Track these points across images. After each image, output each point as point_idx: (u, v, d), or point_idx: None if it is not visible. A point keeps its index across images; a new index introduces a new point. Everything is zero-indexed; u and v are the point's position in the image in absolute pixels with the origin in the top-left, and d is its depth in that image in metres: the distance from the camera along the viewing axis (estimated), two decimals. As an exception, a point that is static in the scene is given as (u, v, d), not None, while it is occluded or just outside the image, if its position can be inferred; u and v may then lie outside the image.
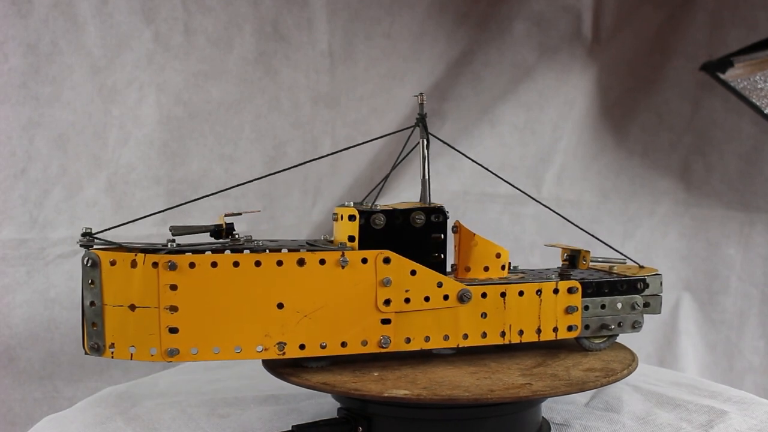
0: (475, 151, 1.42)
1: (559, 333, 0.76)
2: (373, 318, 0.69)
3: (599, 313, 0.77)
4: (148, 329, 0.66)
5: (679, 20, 1.44)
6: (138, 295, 0.66)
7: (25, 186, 1.20)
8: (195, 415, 0.80)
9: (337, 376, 0.70)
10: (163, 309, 0.65)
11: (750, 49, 1.16)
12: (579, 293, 0.76)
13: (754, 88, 1.16)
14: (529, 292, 0.74)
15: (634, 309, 0.78)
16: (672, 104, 1.46)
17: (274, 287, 0.67)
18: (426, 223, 0.71)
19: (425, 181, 0.76)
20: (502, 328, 0.74)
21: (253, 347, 0.67)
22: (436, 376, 0.70)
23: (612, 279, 0.78)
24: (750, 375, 1.45)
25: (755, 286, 1.45)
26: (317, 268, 0.67)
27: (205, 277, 0.66)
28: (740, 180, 1.45)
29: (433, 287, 0.71)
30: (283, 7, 1.31)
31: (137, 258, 0.65)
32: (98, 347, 0.66)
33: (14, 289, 1.20)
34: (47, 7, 1.18)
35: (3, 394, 1.21)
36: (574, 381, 0.69)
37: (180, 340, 0.66)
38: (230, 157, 1.31)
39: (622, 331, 0.79)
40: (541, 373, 0.71)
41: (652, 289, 0.80)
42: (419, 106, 0.78)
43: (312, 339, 0.68)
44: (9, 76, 1.18)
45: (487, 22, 1.41)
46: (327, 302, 0.68)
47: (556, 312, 0.75)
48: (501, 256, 0.78)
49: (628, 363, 0.76)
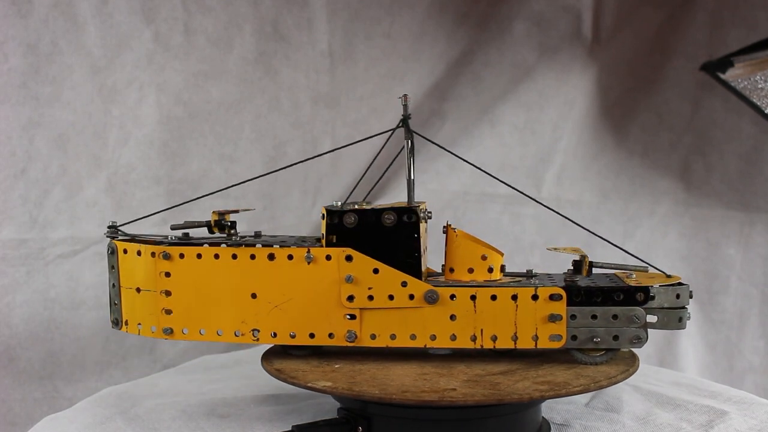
0: (475, 151, 1.42)
1: (540, 342, 0.71)
2: (338, 313, 0.72)
3: (589, 323, 0.71)
4: (149, 309, 0.75)
5: (679, 20, 1.43)
6: (142, 279, 0.75)
7: (25, 186, 1.20)
8: (195, 415, 0.80)
9: (302, 364, 0.74)
10: (159, 293, 0.74)
11: (750, 49, 1.16)
12: (563, 301, 0.71)
13: (755, 88, 1.16)
14: (503, 296, 0.71)
15: (634, 322, 0.71)
16: (672, 104, 1.45)
17: (248, 278, 0.73)
18: (397, 223, 0.72)
19: (410, 181, 0.76)
20: (472, 332, 0.71)
21: (231, 332, 0.74)
22: (388, 373, 0.71)
23: (605, 287, 0.71)
24: (750, 375, 1.45)
25: (755, 286, 1.45)
26: (286, 262, 0.72)
27: (192, 266, 0.74)
28: (740, 180, 1.44)
29: (398, 286, 0.71)
30: (283, 7, 1.32)
31: (141, 248, 0.75)
32: (117, 322, 0.78)
33: (14, 289, 1.20)
34: (47, 7, 1.18)
35: (3, 394, 1.21)
36: (505, 393, 0.66)
37: (173, 320, 0.74)
38: (230, 157, 1.32)
39: (619, 346, 0.72)
40: (485, 382, 0.68)
41: (661, 300, 0.71)
42: (403, 107, 0.78)
43: (282, 328, 0.73)
44: (9, 76, 1.18)
45: (487, 22, 1.41)
46: (295, 295, 0.73)
47: (536, 319, 0.71)
48: (487, 258, 0.74)
49: (612, 375, 0.70)
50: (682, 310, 0.72)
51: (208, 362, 1.03)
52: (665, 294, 0.72)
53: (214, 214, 0.79)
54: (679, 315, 0.72)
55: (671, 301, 0.72)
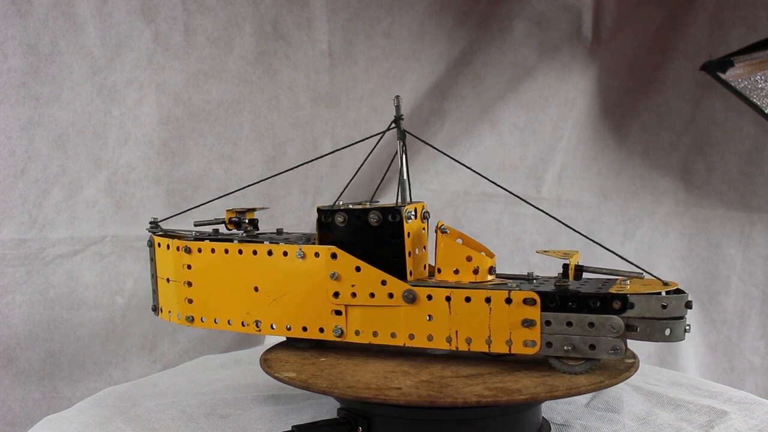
0: (475, 150, 1.42)
1: (514, 347, 0.69)
2: (326, 308, 0.75)
3: (564, 330, 0.67)
4: (176, 298, 0.81)
5: (680, 20, 1.43)
6: (171, 271, 0.81)
7: (25, 186, 1.20)
8: (195, 415, 0.80)
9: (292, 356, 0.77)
10: (183, 283, 0.80)
11: (750, 49, 1.15)
12: (537, 306, 0.68)
13: (755, 88, 1.16)
14: (477, 298, 0.69)
15: (611, 331, 0.66)
16: (672, 104, 1.45)
17: (251, 273, 0.77)
18: (382, 223, 0.73)
19: (402, 181, 0.77)
20: (447, 333, 0.71)
21: (239, 322, 0.78)
22: (358, 369, 0.73)
23: (581, 293, 0.67)
24: (750, 375, 1.45)
25: (756, 286, 1.45)
26: (282, 258, 0.76)
27: (207, 260, 0.79)
28: (741, 180, 1.44)
29: (378, 284, 0.72)
30: (283, 7, 1.31)
31: (170, 242, 0.81)
32: (155, 308, 0.85)
33: (14, 289, 1.20)
34: (47, 7, 1.18)
35: (2, 394, 1.21)
36: (444, 396, 0.65)
37: (194, 309, 0.80)
38: (230, 156, 1.31)
39: (596, 356, 0.67)
40: (438, 384, 0.68)
41: (642, 310, 0.66)
42: (396, 108, 0.78)
43: (280, 321, 0.77)
44: (8, 75, 1.18)
45: (488, 21, 1.41)
46: (290, 290, 0.76)
47: (510, 324, 0.69)
48: (472, 259, 0.72)
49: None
50: (672, 321, 0.66)
51: (208, 362, 1.03)
52: (647, 303, 0.66)
53: (228, 212, 0.84)
54: (666, 327, 0.66)
55: (654, 311, 0.66)
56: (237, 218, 0.84)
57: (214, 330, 1.34)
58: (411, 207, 0.74)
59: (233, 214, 0.84)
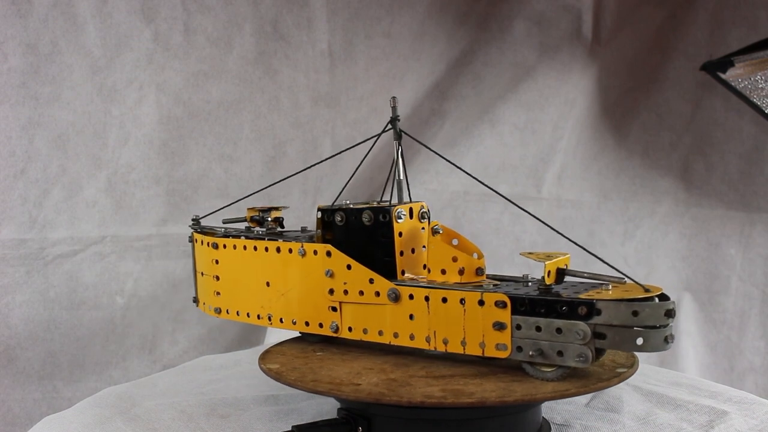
0: (475, 150, 1.42)
1: (487, 350, 0.67)
2: (324, 304, 0.76)
3: (533, 335, 0.65)
4: (208, 291, 0.85)
5: (680, 20, 1.43)
6: (203, 265, 0.86)
7: (25, 186, 1.20)
8: (195, 415, 0.80)
9: None
10: (212, 277, 0.84)
11: (751, 49, 1.15)
12: (508, 309, 0.66)
13: (755, 88, 1.16)
14: (453, 299, 0.69)
15: (577, 338, 0.63)
16: (672, 104, 1.45)
17: (264, 269, 0.80)
18: (374, 222, 0.74)
19: (400, 181, 0.78)
20: (427, 333, 0.70)
21: (255, 315, 0.82)
22: (338, 365, 0.74)
23: (548, 298, 0.65)
24: (751, 375, 1.45)
25: (756, 286, 1.45)
26: (287, 256, 0.78)
27: (230, 256, 0.82)
28: (741, 180, 1.44)
29: (366, 283, 0.74)
30: (283, 7, 1.31)
31: (202, 239, 0.85)
32: (195, 300, 0.89)
33: (14, 289, 1.20)
34: (47, 7, 1.18)
35: (2, 394, 1.21)
36: (393, 395, 0.65)
37: (221, 301, 0.84)
38: (230, 156, 1.31)
39: (564, 363, 0.64)
40: (398, 382, 0.68)
41: (609, 317, 0.62)
42: (392, 109, 0.79)
43: (287, 315, 0.79)
44: (8, 75, 1.18)
45: (488, 21, 1.41)
46: (294, 285, 0.78)
47: (483, 326, 0.67)
48: (458, 260, 0.72)
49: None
50: (645, 330, 0.62)
51: (208, 362, 1.03)
52: (615, 310, 0.62)
53: (249, 211, 0.87)
54: (638, 335, 0.62)
55: (623, 318, 0.62)
56: (259, 216, 0.87)
57: (214, 330, 1.34)
58: (404, 207, 0.75)
59: (255, 212, 0.87)
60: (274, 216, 0.88)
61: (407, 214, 0.75)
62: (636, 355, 0.75)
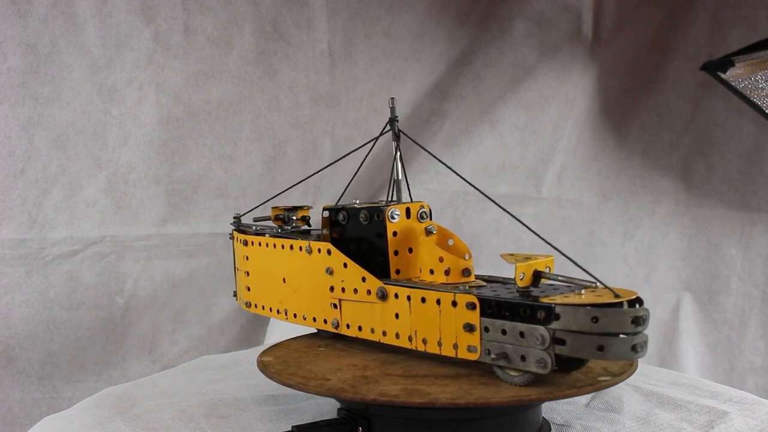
0: (475, 150, 1.42)
1: (460, 352, 0.66)
2: (327, 301, 0.78)
3: (500, 338, 0.63)
4: (241, 285, 0.88)
5: (680, 20, 1.43)
6: (238, 261, 0.89)
7: (25, 186, 1.20)
8: (195, 416, 0.80)
9: None
10: (244, 272, 0.87)
11: (751, 49, 1.15)
12: (477, 311, 0.65)
13: (755, 88, 1.16)
14: (431, 300, 0.68)
15: (537, 343, 0.61)
16: (672, 104, 1.45)
17: (281, 265, 0.82)
18: (370, 222, 0.76)
19: (398, 181, 0.78)
20: (409, 332, 0.71)
21: (275, 310, 0.84)
22: (327, 360, 0.75)
23: (513, 301, 0.63)
24: (751, 375, 1.45)
25: (756, 286, 1.45)
26: (298, 253, 0.80)
27: (256, 253, 0.86)
28: (741, 180, 1.44)
29: (359, 281, 0.75)
30: (282, 7, 1.31)
31: (237, 236, 0.88)
32: (235, 294, 0.92)
33: (13, 290, 1.20)
34: (46, 7, 1.18)
35: (2, 394, 1.21)
36: (353, 392, 0.65)
37: (251, 296, 0.87)
38: (230, 156, 1.31)
39: (526, 368, 0.62)
40: (365, 379, 0.68)
41: (568, 322, 0.59)
42: (390, 109, 0.80)
43: (299, 311, 0.81)
44: (8, 75, 1.17)
45: (488, 21, 1.41)
46: (303, 282, 0.80)
47: (456, 327, 0.66)
48: (444, 260, 0.71)
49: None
50: (605, 337, 0.58)
51: (207, 362, 1.03)
52: (573, 315, 0.59)
53: (274, 210, 0.90)
54: (598, 342, 0.58)
55: (583, 324, 0.59)
56: (283, 215, 0.90)
57: (214, 330, 1.34)
58: (400, 207, 0.75)
59: (279, 211, 0.91)
60: (301, 215, 0.91)
61: (401, 214, 0.75)
62: (637, 362, 0.73)
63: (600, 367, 0.71)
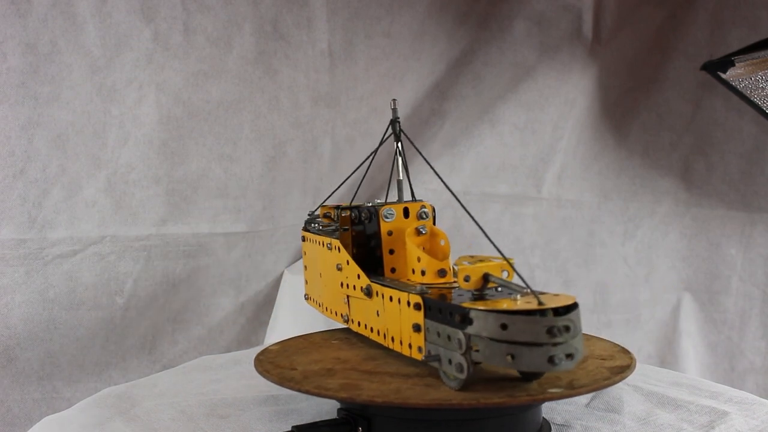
0: (475, 150, 1.42)
1: (413, 352, 0.66)
2: (340, 296, 0.81)
3: (436, 340, 0.63)
4: (304, 278, 0.92)
5: (680, 20, 1.43)
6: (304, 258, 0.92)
7: (24, 186, 1.20)
8: (195, 416, 0.80)
9: None
10: (304, 266, 0.91)
11: (751, 49, 1.15)
12: (422, 311, 0.64)
13: (756, 88, 1.16)
14: (395, 299, 0.69)
15: (456, 347, 0.60)
16: (673, 104, 1.45)
17: (319, 261, 0.86)
18: (369, 221, 0.79)
19: (399, 182, 0.80)
20: (384, 330, 0.72)
21: (318, 303, 0.88)
22: (323, 355, 0.77)
23: (441, 303, 0.62)
24: (751, 375, 1.45)
25: (756, 286, 1.45)
26: (324, 250, 0.84)
27: (308, 248, 0.90)
28: (741, 180, 1.44)
29: (356, 278, 0.77)
30: (282, 7, 1.31)
31: (303, 233, 0.91)
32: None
33: (13, 290, 1.20)
34: (46, 7, 1.18)
35: (2, 394, 1.21)
36: (321, 389, 0.65)
37: (308, 289, 0.92)
38: (230, 156, 1.31)
39: (452, 371, 0.61)
40: (347, 374, 0.68)
41: (479, 328, 0.57)
42: (392, 111, 0.81)
43: (329, 305, 0.85)
44: (8, 75, 1.17)
45: (488, 21, 1.41)
46: (328, 278, 0.83)
47: (408, 327, 0.66)
48: (421, 260, 0.71)
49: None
50: (515, 346, 0.56)
51: (207, 362, 1.03)
52: (484, 321, 0.57)
53: (322, 209, 0.91)
54: (508, 351, 0.56)
55: (492, 331, 0.56)
56: (330, 213, 0.91)
57: (214, 330, 1.34)
58: (396, 206, 0.77)
59: (328, 209, 0.92)
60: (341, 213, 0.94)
61: (396, 214, 0.77)
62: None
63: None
